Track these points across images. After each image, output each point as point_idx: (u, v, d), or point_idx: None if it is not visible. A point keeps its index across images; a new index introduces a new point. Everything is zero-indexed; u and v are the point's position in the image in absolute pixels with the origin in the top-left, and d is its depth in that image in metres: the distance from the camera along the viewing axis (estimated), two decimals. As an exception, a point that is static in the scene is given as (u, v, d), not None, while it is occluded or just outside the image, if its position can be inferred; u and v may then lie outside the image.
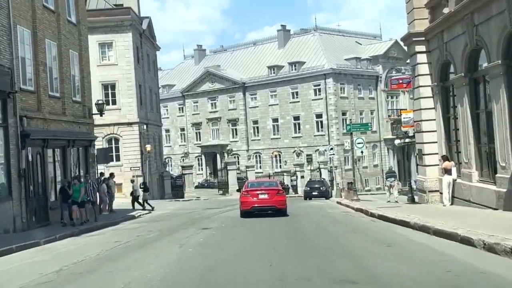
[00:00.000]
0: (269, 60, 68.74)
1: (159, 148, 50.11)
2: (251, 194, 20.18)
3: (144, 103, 44.15)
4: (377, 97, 66.08)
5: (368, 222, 15.86)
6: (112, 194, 27.00)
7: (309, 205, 28.01)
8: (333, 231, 13.65)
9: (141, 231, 16.48)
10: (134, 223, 20.90)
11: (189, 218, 21.00)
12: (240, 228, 15.19)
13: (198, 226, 16.59)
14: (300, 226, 15.78)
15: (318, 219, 18.11)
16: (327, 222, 16.66)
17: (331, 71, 60.52)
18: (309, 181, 41.55)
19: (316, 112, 61.98)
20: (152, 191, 44.27)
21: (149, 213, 26.15)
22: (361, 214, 19.05)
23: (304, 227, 15.27)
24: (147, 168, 42.08)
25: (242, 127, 68.66)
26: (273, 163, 65.53)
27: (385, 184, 28.18)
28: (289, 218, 18.89)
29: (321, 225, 15.71)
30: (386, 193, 28.47)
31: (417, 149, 19.71)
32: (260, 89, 66.90)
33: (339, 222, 16.75)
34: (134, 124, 41.05)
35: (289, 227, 15.50)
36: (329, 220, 17.61)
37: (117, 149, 41.04)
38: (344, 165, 62.05)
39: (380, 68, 66.20)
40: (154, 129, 47.68)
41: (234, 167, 50.92)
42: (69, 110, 22.28)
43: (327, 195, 37.39)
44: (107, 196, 25.59)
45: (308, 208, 24.97)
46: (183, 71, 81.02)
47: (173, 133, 77.10)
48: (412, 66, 19.13)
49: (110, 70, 40.78)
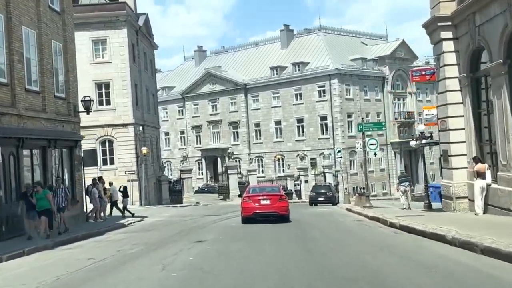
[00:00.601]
0: (271, 60, 66.48)
1: (156, 151, 47.82)
2: (252, 200, 19.45)
3: (140, 103, 41.88)
4: (383, 99, 63.75)
5: (390, 235, 13.49)
6: (105, 200, 24.70)
7: (316, 212, 25.63)
8: (353, 248, 11.28)
9: (124, 243, 14.17)
10: (121, 232, 18.57)
11: (184, 227, 18.66)
12: (240, 243, 12.84)
13: (191, 238, 14.26)
14: (311, 239, 13.44)
15: (330, 230, 15.77)
16: (342, 235, 14.31)
17: (336, 71, 58.20)
18: (315, 185, 39.18)
19: (321, 114, 59.64)
20: (149, 196, 41.99)
21: (141, 221, 23.81)
22: (378, 224, 16.68)
23: (316, 241, 12.91)
24: (143, 172, 39.77)
25: (244, 130, 66.34)
26: (275, 167, 63.16)
27: (399, 189, 25.73)
28: (296, 228, 16.58)
29: (336, 239, 13.36)
30: (400, 198, 26.06)
31: (442, 150, 17.33)
32: (262, 90, 64.59)
33: (355, 234, 14.38)
34: (129, 126, 38.75)
35: (299, 240, 13.17)
36: (343, 231, 15.24)
37: (111, 151, 38.75)
38: (350, 169, 59.70)
39: (386, 69, 63.92)
40: (151, 131, 45.39)
41: (235, 171, 48.57)
42: (51, 107, 19.98)
43: (334, 201, 35.03)
44: (98, 202, 23.32)
45: (316, 216, 22.60)
46: (183, 73, 78.79)
47: (173, 136, 74.82)
48: (437, 56, 16.78)
49: (104, 68, 38.55)
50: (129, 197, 28.27)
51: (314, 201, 34.93)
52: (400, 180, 26.19)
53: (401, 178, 26.47)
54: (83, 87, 38.64)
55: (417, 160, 68.14)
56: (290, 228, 16.58)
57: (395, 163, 64.61)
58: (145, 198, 40.70)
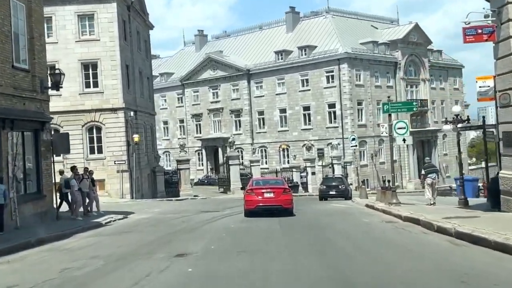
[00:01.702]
0: (276, 45, 62.43)
1: (151, 140, 43.99)
2: (256, 193, 18.99)
3: (132, 87, 38.02)
4: (395, 85, 59.72)
5: (451, 249, 9.60)
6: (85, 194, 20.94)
7: (332, 210, 21.80)
8: (410, 273, 7.43)
9: (81, 255, 10.42)
10: (91, 235, 14.79)
11: (170, 229, 14.89)
12: (240, 259, 9.01)
13: (172, 249, 10.47)
14: (339, 253, 9.62)
15: (358, 237, 11.97)
16: (380, 247, 10.40)
17: (345, 55, 54.15)
18: (325, 178, 35.25)
19: (329, 101, 55.65)
20: (141, 189, 38.27)
21: (123, 219, 20.01)
22: (419, 228, 12.88)
23: (350, 259, 9.05)
24: (135, 162, 35.98)
25: (246, 119, 62.45)
26: (280, 158, 59.29)
27: (425, 182, 21.78)
28: (315, 233, 12.75)
29: (374, 253, 9.52)
30: (425, 192, 22.10)
31: (503, 132, 13.43)
32: (266, 76, 60.57)
33: (399, 247, 10.44)
34: (119, 110, 34.91)
35: (323, 255, 9.36)
36: (380, 241, 11.34)
37: (99, 139, 34.97)
38: (360, 160, 55.82)
39: (399, 54, 59.84)
40: (146, 117, 41.55)
41: (236, 162, 44.76)
42: (7, 79, 16.16)
43: (347, 195, 31.21)
44: (76, 196, 19.57)
45: (333, 215, 18.77)
46: (182, 59, 74.78)
47: (172, 125, 70.97)
48: (498, 9, 12.83)
49: (91, 46, 34.70)
50: None
51: (324, 195, 31.13)
52: (427, 171, 22.19)
53: (428, 169, 22.42)
54: (68, 67, 34.90)
55: (430, 151, 64.28)
56: (307, 233, 12.79)
57: (407, 154, 60.71)
58: (138, 191, 36.96)
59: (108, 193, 34.76)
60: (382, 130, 21.13)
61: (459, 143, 21.52)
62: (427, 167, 22.60)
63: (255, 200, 18.70)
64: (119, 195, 34.63)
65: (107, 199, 33.45)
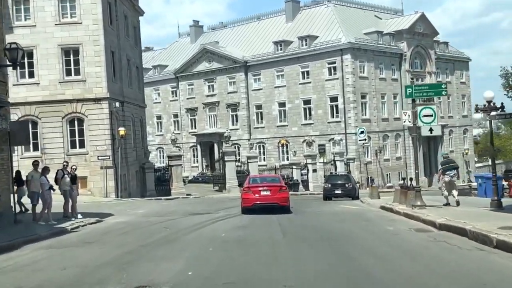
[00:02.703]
0: (275, 35, 59.26)
1: (141, 134, 40.86)
2: (252, 191, 19.32)
3: (119, 75, 34.84)
4: (400, 78, 56.59)
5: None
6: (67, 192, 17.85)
7: (341, 212, 18.70)
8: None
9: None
10: (43, 248, 11.65)
11: (143, 241, 11.76)
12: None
13: (131, 278, 7.33)
14: (373, 283, 6.47)
15: (393, 256, 8.85)
16: (435, 275, 7.20)
17: (349, 45, 51.00)
18: (330, 175, 32.07)
19: (331, 94, 52.53)
20: (129, 187, 35.16)
21: (95, 224, 16.89)
22: (465, 241, 9.81)
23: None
24: (121, 157, 32.86)
25: (244, 113, 59.29)
26: (279, 154, 56.17)
27: (443, 180, 18.65)
28: (327, 247, 9.69)
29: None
30: (442, 191, 18.96)
31: None
32: (265, 68, 57.38)
33: (464, 275, 7.21)
34: (103, 101, 31.74)
35: (348, 284, 6.18)
36: (424, 261, 8.17)
37: (81, 132, 31.82)
38: (364, 157, 52.74)
39: (404, 45, 56.75)
40: (134, 109, 38.40)
41: (232, 158, 41.62)
42: None
43: (354, 194, 28.12)
44: (46, 196, 16.46)
45: (345, 220, 15.66)
46: (177, 51, 71.52)
47: (165, 120, 67.76)
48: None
49: (72, 30, 31.55)
50: (24, 186, 17.81)
51: (329, 194, 28.02)
52: (446, 168, 19.07)
53: (446, 165, 19.24)
54: (47, 52, 31.79)
55: (436, 147, 61.27)
56: (320, 248, 9.68)
57: (412, 151, 57.55)
58: (124, 189, 33.85)
59: (91, 191, 31.65)
60: (405, 119, 17.90)
61: (492, 134, 18.26)
62: (445, 163, 19.40)
63: (252, 198, 18.96)
64: (103, 193, 31.51)
65: (89, 198, 30.36)
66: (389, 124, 55.33)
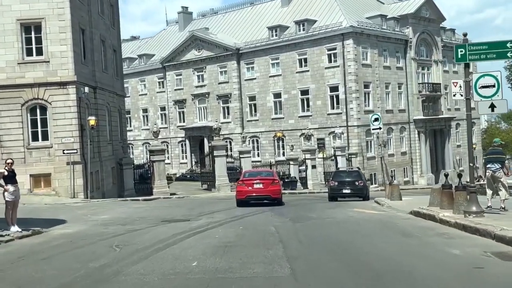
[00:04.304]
0: (269, 20, 54.64)
1: (120, 126, 36.23)
2: (246, 184, 20.49)
3: (90, 57, 30.20)
4: (405, 67, 52.21)
5: None
6: None
7: (358, 220, 14.18)
8: None
9: None
10: None
11: (65, 274, 7.23)
12: None
13: None
14: None
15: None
16: None
17: (351, 29, 46.47)
18: (338, 171, 27.41)
19: (331, 84, 48.02)
20: (103, 186, 30.63)
21: (30, 236, 12.34)
22: None
23: None
24: (92, 151, 28.27)
25: (236, 105, 54.70)
26: (275, 149, 51.64)
27: (485, 174, 14.22)
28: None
29: None
30: (487, 189, 14.45)
31: None
32: (259, 56, 52.77)
33: None
34: (69, 85, 27.10)
35: None
36: None
37: (44, 122, 27.23)
38: (367, 152, 48.36)
39: (409, 31, 52.31)
40: (110, 98, 33.75)
41: (223, 153, 37.06)
42: None
43: (366, 194, 23.68)
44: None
45: (371, 234, 11.13)
46: (165, 39, 66.71)
47: (152, 113, 62.98)
48: None
49: (33, 2, 26.96)
50: None
51: (336, 194, 23.54)
52: (486, 160, 14.56)
53: (490, 156, 14.69)
54: (3, 29, 26.65)
55: (444, 141, 56.97)
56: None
57: (418, 145, 53.29)
58: (97, 189, 29.31)
59: (56, 191, 27.06)
60: (455, 92, 13.25)
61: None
62: (490, 153, 14.80)
63: (245, 190, 20.15)
64: (70, 193, 26.92)
65: (53, 199, 25.82)
66: (393, 116, 50.96)
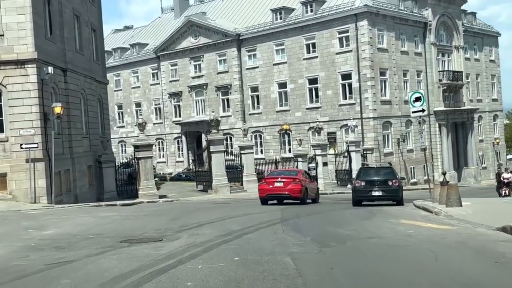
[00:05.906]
0: (273, 2, 49.52)
1: (100, 118, 31.12)
2: (268, 182, 21.22)
3: (59, 33, 25.03)
4: (425, 53, 47.02)
5: None
6: None
7: (419, 242, 9.02)
8: None
9: None
10: None
11: None
12: None
13: None
14: None
15: None
16: None
17: (365, 9, 41.27)
18: (364, 168, 22.10)
19: (342, 71, 42.82)
20: (75, 188, 25.52)
21: None
22: None
23: None
24: (57, 146, 23.13)
25: (236, 97, 49.52)
26: (281, 145, 46.42)
27: None
28: None
29: None
30: None
31: None
32: (261, 41, 47.58)
33: None
34: (28, 64, 21.98)
35: None
36: None
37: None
38: (384, 147, 43.13)
39: (429, 13, 47.16)
40: (87, 84, 28.56)
41: (220, 148, 31.89)
42: None
43: (400, 197, 18.47)
44: None
45: (481, 282, 5.84)
46: (159, 27, 61.53)
47: (146, 108, 57.81)
48: None
49: (-17, -38, 21.73)
50: None
51: (363, 197, 18.39)
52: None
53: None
54: None
55: (466, 135, 51.67)
56: None
57: (439, 140, 48.02)
58: (67, 191, 24.25)
59: (13, 195, 21.97)
60: None
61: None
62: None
63: (265, 188, 20.99)
64: (31, 198, 21.78)
65: (7, 205, 20.66)
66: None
